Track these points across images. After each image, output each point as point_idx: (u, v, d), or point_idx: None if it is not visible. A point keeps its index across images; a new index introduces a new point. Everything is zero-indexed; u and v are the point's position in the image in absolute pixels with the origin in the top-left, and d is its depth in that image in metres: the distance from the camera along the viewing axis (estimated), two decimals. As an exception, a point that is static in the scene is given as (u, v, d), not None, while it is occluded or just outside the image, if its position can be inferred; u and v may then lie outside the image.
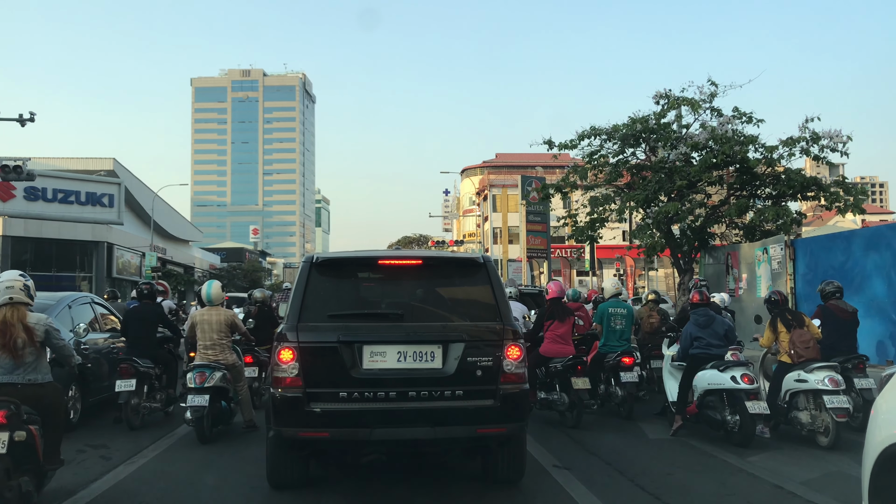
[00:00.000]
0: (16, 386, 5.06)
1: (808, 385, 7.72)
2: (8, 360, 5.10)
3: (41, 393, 5.18)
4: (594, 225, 18.31)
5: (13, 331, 5.09)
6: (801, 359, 8.02)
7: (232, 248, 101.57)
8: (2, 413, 4.66)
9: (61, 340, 5.50)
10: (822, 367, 7.74)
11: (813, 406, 7.78)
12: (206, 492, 6.09)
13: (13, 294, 5.20)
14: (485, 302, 5.69)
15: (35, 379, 5.19)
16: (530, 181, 36.55)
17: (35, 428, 4.97)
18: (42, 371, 5.27)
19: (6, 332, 5.08)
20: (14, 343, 5.07)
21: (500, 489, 6.01)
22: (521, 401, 5.50)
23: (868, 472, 3.72)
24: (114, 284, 38.30)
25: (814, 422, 7.73)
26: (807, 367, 7.83)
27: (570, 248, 46.86)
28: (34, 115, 21.95)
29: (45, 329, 5.26)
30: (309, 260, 5.78)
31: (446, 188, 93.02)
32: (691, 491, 6.12)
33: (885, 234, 11.97)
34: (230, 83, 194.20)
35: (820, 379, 7.61)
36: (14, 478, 4.77)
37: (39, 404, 5.12)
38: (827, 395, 7.46)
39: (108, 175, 46.31)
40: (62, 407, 5.58)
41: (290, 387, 5.23)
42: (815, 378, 7.66)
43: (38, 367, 5.24)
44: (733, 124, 16.33)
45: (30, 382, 5.14)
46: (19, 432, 4.72)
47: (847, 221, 42.38)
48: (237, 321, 8.71)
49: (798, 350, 8.04)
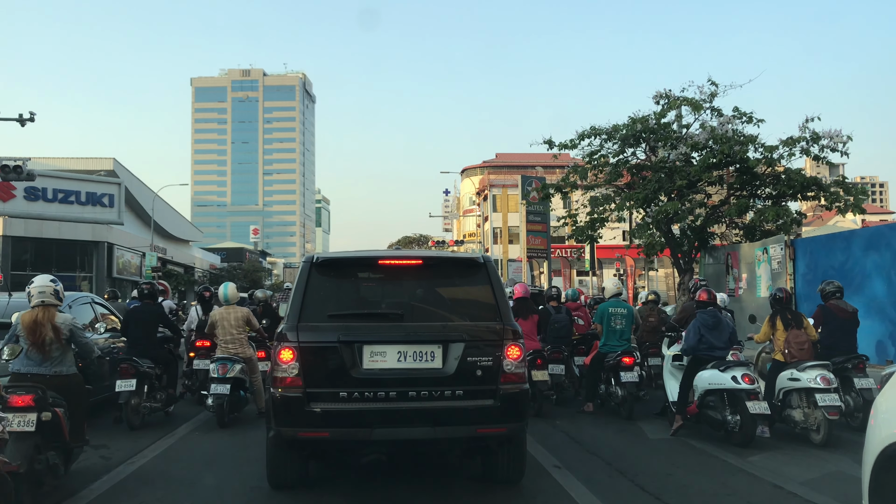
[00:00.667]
0: (45, 376, 5.80)
1: (801, 384, 7.85)
2: (37, 354, 5.83)
3: (67, 382, 5.94)
4: (594, 225, 18.31)
5: (43, 329, 5.81)
6: (794, 359, 8.15)
7: (232, 248, 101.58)
8: (30, 397, 5.34)
9: (84, 338, 6.21)
10: (814, 366, 7.87)
11: (806, 404, 7.90)
12: (206, 492, 6.09)
13: (45, 298, 5.95)
14: (485, 302, 5.69)
15: (60, 371, 5.93)
16: (530, 181, 36.50)
17: (61, 411, 5.66)
18: (67, 364, 6.01)
19: (37, 331, 5.81)
20: (43, 340, 5.81)
21: (500, 489, 6.01)
22: (521, 401, 5.50)
23: (868, 471, 3.72)
24: (114, 284, 38.35)
25: (807, 419, 7.85)
26: (799, 365, 7.95)
27: (570, 248, 46.83)
28: (34, 115, 21.94)
29: (70, 328, 5.97)
30: (309, 260, 5.79)
31: (446, 188, 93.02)
32: (691, 491, 6.13)
33: (885, 234, 11.98)
34: (230, 83, 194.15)
35: (812, 377, 7.74)
36: (43, 452, 5.49)
37: (65, 391, 5.87)
38: (819, 394, 7.60)
39: (108, 175, 46.32)
40: (84, 394, 6.31)
41: (290, 387, 5.23)
42: (807, 377, 7.79)
43: (63, 361, 5.97)
44: (733, 124, 16.33)
45: (56, 374, 5.88)
46: (45, 413, 5.40)
47: (847, 221, 42.40)
48: (252, 318, 9.57)
49: (792, 350, 8.20)
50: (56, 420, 5.55)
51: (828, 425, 7.57)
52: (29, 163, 21.35)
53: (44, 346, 5.81)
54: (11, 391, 5.38)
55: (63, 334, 5.90)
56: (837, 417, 7.59)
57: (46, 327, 5.82)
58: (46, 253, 40.91)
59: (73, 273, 40.66)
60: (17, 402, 5.28)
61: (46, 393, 5.54)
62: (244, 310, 9.55)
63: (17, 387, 5.47)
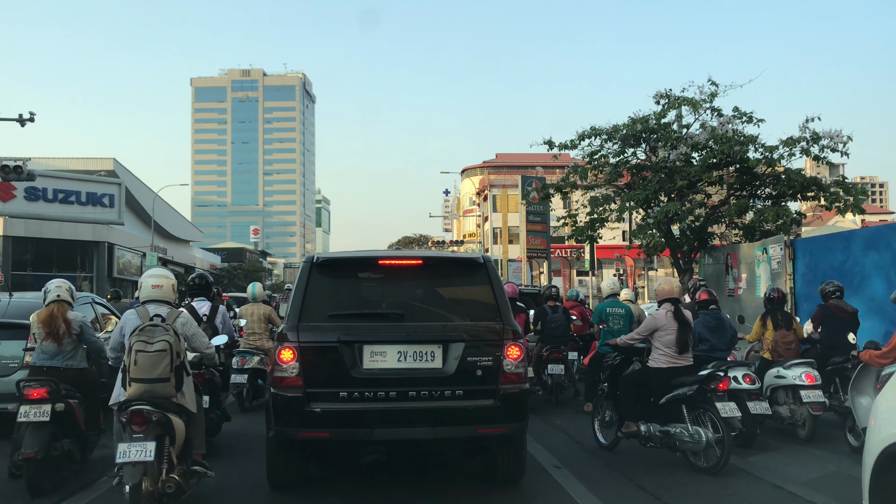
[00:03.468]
0: (58, 369, 6.23)
1: (787, 381, 8.09)
2: (52, 345, 6.26)
3: (80, 376, 6.39)
4: (594, 225, 18.28)
5: (57, 322, 6.28)
6: (780, 357, 8.45)
7: (232, 248, 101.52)
8: (44, 389, 5.83)
9: (94, 336, 6.59)
10: (799, 364, 8.11)
11: (792, 400, 8.13)
12: (206, 492, 6.08)
13: (60, 293, 6.43)
14: (485, 302, 5.70)
15: (72, 364, 6.35)
16: (530, 181, 36.45)
17: (75, 402, 6.12)
18: (79, 359, 6.44)
19: (52, 323, 6.27)
20: (57, 332, 6.26)
21: (500, 489, 6.01)
22: (521, 401, 5.50)
23: (868, 471, 3.72)
24: (115, 284, 38.30)
25: (793, 415, 8.11)
26: (786, 363, 8.19)
27: (570, 248, 46.81)
28: (34, 115, 21.93)
29: (80, 325, 6.41)
30: (309, 260, 5.79)
31: (446, 188, 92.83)
32: (691, 491, 6.13)
33: (885, 234, 11.96)
34: (230, 83, 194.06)
35: (797, 375, 7.97)
36: (59, 440, 5.96)
37: (79, 384, 6.32)
38: (804, 391, 7.84)
39: (108, 175, 46.27)
40: (98, 386, 6.71)
41: (290, 387, 5.23)
42: (792, 374, 8.02)
43: (75, 356, 6.41)
44: (733, 124, 16.30)
45: (69, 367, 6.31)
46: (59, 404, 5.87)
47: (847, 221, 42.38)
48: (274, 315, 10.61)
49: (779, 349, 8.52)
50: (70, 410, 6.01)
51: (812, 421, 7.84)
52: (29, 163, 21.36)
53: (58, 337, 6.24)
54: (28, 385, 5.88)
55: (74, 329, 6.33)
56: (821, 413, 7.85)
57: (59, 320, 6.27)
58: (46, 253, 40.90)
59: (73, 273, 40.59)
60: (32, 394, 5.80)
61: (60, 385, 5.99)
62: (268, 307, 10.80)
63: (33, 380, 5.97)
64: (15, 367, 7.90)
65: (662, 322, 7.06)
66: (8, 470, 6.07)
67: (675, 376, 6.97)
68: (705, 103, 16.74)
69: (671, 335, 7.01)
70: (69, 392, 6.14)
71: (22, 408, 5.77)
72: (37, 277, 38.46)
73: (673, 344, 7.01)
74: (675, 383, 6.91)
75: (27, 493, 5.69)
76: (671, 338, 7.00)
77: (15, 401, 7.32)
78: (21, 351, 7.89)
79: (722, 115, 16.62)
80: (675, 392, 6.87)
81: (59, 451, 5.96)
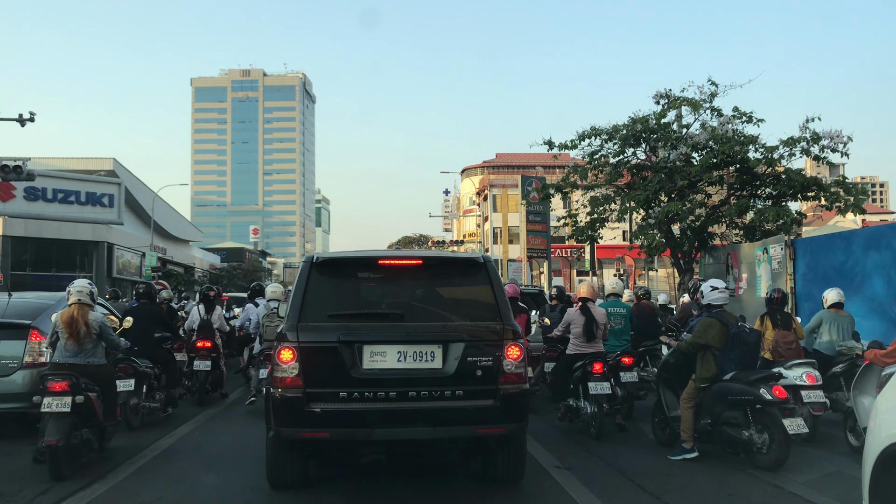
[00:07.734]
0: (79, 366, 6.72)
1: (787, 381, 7.98)
2: (73, 345, 6.76)
3: (99, 371, 6.90)
4: (594, 225, 18.28)
5: (78, 325, 6.75)
6: (780, 357, 8.41)
7: (232, 248, 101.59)
8: (65, 382, 6.32)
9: (111, 334, 7.13)
10: (800, 364, 8.05)
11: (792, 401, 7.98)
12: (206, 492, 6.09)
13: (81, 297, 6.91)
14: (485, 302, 5.70)
15: (92, 361, 6.86)
16: (530, 181, 36.46)
17: (93, 395, 6.65)
18: (98, 356, 6.95)
19: (73, 325, 6.74)
20: (77, 332, 6.75)
21: (500, 489, 6.01)
22: (521, 401, 5.50)
23: (868, 471, 3.72)
24: (114, 284, 38.29)
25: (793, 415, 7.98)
26: (786, 364, 8.13)
27: (570, 248, 46.83)
28: (34, 115, 21.93)
29: (100, 325, 6.91)
30: (309, 260, 5.79)
31: (446, 188, 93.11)
32: (691, 491, 6.13)
33: (885, 234, 11.95)
34: (230, 83, 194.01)
35: (798, 375, 7.90)
36: (79, 430, 6.46)
37: (97, 379, 6.84)
38: (804, 391, 7.77)
39: (108, 175, 46.33)
40: (114, 381, 7.37)
41: (289, 387, 5.23)
42: (793, 374, 7.95)
43: (95, 353, 6.92)
44: (733, 124, 16.30)
45: (89, 363, 6.82)
46: (78, 396, 6.38)
47: (847, 221, 42.39)
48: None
49: (780, 349, 8.51)
50: (89, 402, 6.54)
51: (813, 421, 7.78)
52: (29, 163, 21.36)
53: (79, 338, 6.74)
54: (50, 378, 6.35)
55: (94, 329, 6.83)
56: (822, 413, 7.83)
57: (80, 322, 6.74)
58: (46, 253, 40.93)
59: (73, 273, 40.53)
60: (54, 387, 6.28)
61: (80, 379, 6.49)
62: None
63: (55, 374, 6.44)
64: (15, 367, 7.88)
65: (573, 317, 8.71)
66: (32, 456, 6.59)
67: (582, 360, 8.41)
68: (705, 103, 16.74)
69: (579, 327, 8.60)
70: (88, 385, 6.63)
71: (45, 399, 6.24)
72: (36, 277, 38.53)
73: (581, 335, 8.59)
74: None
75: (50, 477, 6.18)
76: (579, 329, 8.61)
77: (14, 400, 7.73)
78: (20, 351, 7.91)
79: (722, 115, 16.62)
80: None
81: (79, 440, 6.45)
